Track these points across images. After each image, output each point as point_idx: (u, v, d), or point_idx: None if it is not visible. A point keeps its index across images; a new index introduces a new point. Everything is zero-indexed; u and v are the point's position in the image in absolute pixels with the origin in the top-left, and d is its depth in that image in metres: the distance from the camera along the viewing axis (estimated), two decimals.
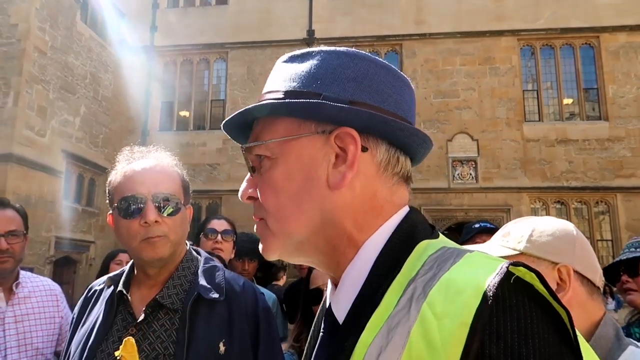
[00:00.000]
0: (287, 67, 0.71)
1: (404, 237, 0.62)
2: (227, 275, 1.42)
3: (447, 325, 0.47)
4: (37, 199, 11.61)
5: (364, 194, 0.64)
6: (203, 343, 1.24)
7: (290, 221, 0.64)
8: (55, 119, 12.59)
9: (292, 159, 0.65)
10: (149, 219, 1.26)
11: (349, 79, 0.66)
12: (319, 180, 0.64)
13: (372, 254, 0.62)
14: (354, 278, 0.62)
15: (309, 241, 0.65)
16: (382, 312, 0.54)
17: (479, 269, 0.51)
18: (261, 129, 0.68)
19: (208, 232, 2.83)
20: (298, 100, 0.64)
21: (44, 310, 2.14)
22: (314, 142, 0.65)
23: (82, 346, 1.29)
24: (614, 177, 13.54)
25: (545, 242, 1.12)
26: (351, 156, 0.63)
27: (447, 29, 14.90)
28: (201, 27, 15.90)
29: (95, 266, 13.15)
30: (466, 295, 0.48)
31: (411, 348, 0.48)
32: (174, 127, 16.04)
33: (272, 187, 0.66)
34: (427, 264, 0.56)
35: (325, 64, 0.68)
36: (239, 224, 3.44)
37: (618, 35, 14.25)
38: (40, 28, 12.13)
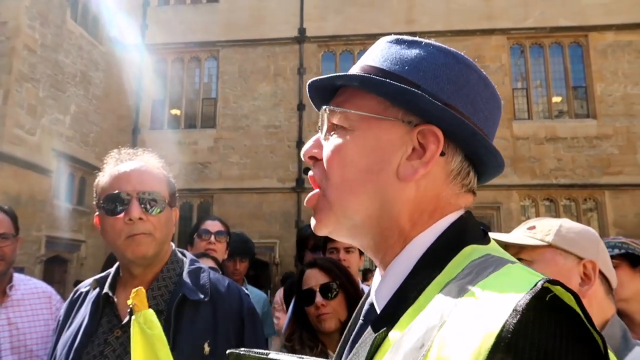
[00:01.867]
0: (391, 47, 0.69)
1: (452, 239, 0.62)
2: (212, 276, 1.43)
3: (473, 335, 0.44)
4: (27, 198, 11.54)
5: (426, 194, 0.64)
6: (187, 344, 1.25)
7: (350, 196, 0.64)
8: (46, 117, 12.51)
9: (370, 137, 0.64)
10: (133, 216, 1.27)
11: (450, 81, 0.65)
12: (390, 167, 0.64)
13: (419, 251, 0.62)
14: (397, 272, 0.62)
15: (363, 224, 0.65)
16: (417, 309, 0.54)
17: (515, 280, 0.49)
18: (346, 99, 0.68)
19: (202, 233, 2.84)
20: (399, 85, 0.62)
21: (37, 312, 2.14)
22: (395, 129, 0.64)
23: (68, 348, 1.30)
24: (601, 174, 13.71)
25: (573, 238, 1.17)
26: (429, 155, 0.63)
27: (438, 28, 14.97)
28: (192, 25, 15.84)
29: (87, 265, 13.12)
30: (498, 306, 0.45)
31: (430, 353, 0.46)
32: (165, 125, 15.98)
33: (342, 156, 0.65)
34: (467, 268, 0.55)
35: (431, 57, 0.67)
36: (231, 223, 3.47)
37: (606, 34, 14.41)
38: (30, 26, 12.04)
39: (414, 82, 0.63)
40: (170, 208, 1.41)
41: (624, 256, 1.91)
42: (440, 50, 0.68)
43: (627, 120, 13.93)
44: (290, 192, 14.43)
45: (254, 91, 15.31)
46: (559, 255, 1.14)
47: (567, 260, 1.13)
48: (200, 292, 1.34)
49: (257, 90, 15.32)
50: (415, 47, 0.68)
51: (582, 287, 1.11)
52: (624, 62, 14.22)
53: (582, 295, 1.08)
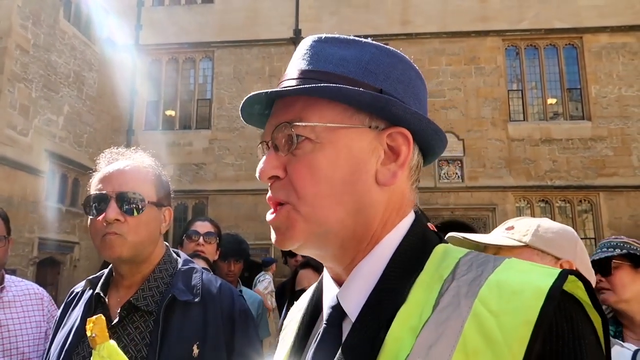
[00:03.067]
0: (327, 48, 0.67)
1: (417, 238, 0.64)
2: (205, 277, 1.41)
3: (507, 322, 0.50)
4: (19, 199, 11.43)
5: (396, 194, 0.65)
6: (176, 345, 1.23)
7: (325, 210, 0.62)
8: (38, 118, 12.40)
9: (341, 148, 0.63)
10: (109, 217, 1.26)
11: (399, 81, 0.66)
12: (367, 175, 0.63)
13: (388, 250, 0.63)
14: (368, 272, 0.62)
15: (336, 233, 0.63)
16: (413, 308, 0.56)
17: (530, 273, 0.54)
18: (303, 108, 0.65)
19: (191, 234, 2.81)
20: (372, 93, 0.62)
21: (29, 314, 2.11)
22: (364, 135, 0.64)
23: (60, 348, 1.30)
24: (596, 176, 13.75)
25: (550, 238, 1.16)
26: (404, 157, 0.64)
27: (433, 29, 15.00)
28: (187, 26, 15.78)
29: (80, 267, 13.00)
30: (525, 296, 0.51)
31: (466, 341, 0.50)
32: (160, 126, 15.90)
33: (313, 172, 0.62)
34: (462, 265, 0.58)
35: (377, 59, 0.66)
36: (225, 224, 3.43)
37: (600, 36, 14.48)
38: (22, 26, 11.94)
39: (374, 87, 0.63)
40: (158, 208, 1.38)
41: (625, 256, 1.88)
42: (381, 49, 0.68)
43: (621, 122, 13.99)
44: None
45: (249, 92, 14.62)
46: (535, 255, 1.14)
47: (544, 260, 1.13)
48: (190, 292, 1.32)
49: (252, 91, 15.06)
50: (354, 46, 0.67)
51: None
52: (619, 64, 14.29)
53: None
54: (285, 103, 0.67)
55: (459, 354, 0.50)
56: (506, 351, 0.48)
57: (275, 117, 0.68)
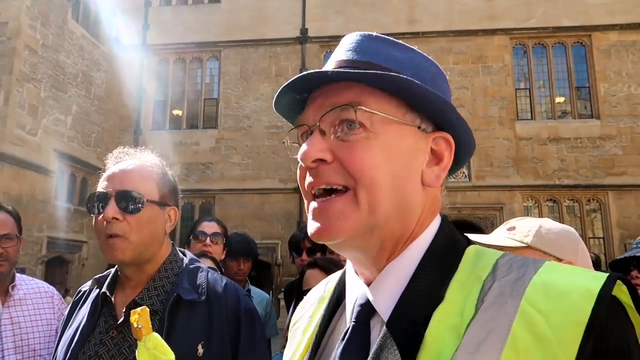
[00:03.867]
0: (374, 44, 0.68)
1: (448, 239, 0.66)
2: (210, 276, 1.41)
3: (558, 322, 0.51)
4: (28, 198, 11.53)
5: (432, 197, 0.67)
6: (180, 345, 1.22)
7: (379, 198, 0.62)
8: (47, 117, 12.51)
9: (395, 142, 0.63)
10: (107, 215, 1.26)
11: (442, 89, 0.68)
12: (416, 173, 0.65)
13: (419, 250, 0.64)
14: (400, 272, 0.63)
15: (381, 228, 0.63)
16: (450, 307, 0.57)
17: (575, 275, 0.56)
18: (359, 94, 0.64)
19: (197, 234, 2.82)
20: (438, 94, 0.63)
21: (40, 312, 2.14)
22: (412, 134, 0.65)
23: (66, 347, 1.30)
24: (605, 175, 13.64)
25: (552, 239, 1.15)
26: (446, 161, 0.67)
27: (440, 28, 14.95)
28: (194, 26, 15.84)
29: (88, 266, 13.09)
30: (574, 297, 0.53)
31: (515, 339, 0.52)
32: (167, 125, 15.97)
33: (370, 158, 0.62)
34: (500, 266, 0.60)
35: (425, 65, 0.69)
36: (232, 224, 3.44)
37: (609, 34, 14.36)
38: (31, 26, 12.04)
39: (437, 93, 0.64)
40: (161, 207, 1.37)
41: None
42: (427, 59, 0.71)
43: (630, 121, 13.87)
44: (292, 193, 14.40)
45: (255, 91, 15.28)
46: (537, 256, 1.12)
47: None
48: (196, 292, 1.32)
49: (258, 91, 15.30)
50: (407, 52, 0.69)
51: None
52: (628, 62, 14.16)
53: None
54: (336, 88, 0.65)
55: (509, 351, 0.52)
56: (558, 350, 0.50)
57: (324, 100, 0.66)
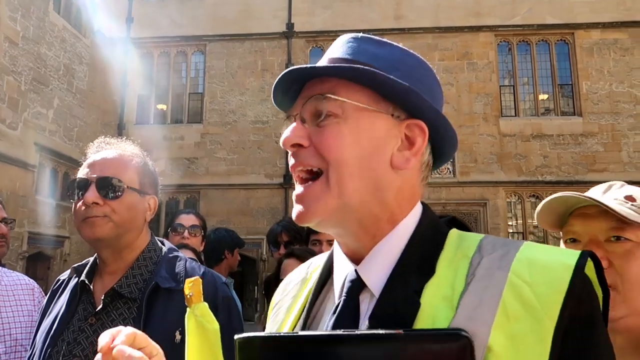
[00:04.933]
0: (362, 44, 0.75)
1: (431, 222, 0.72)
2: (188, 265, 1.44)
3: (542, 291, 0.59)
4: (9, 193, 11.32)
5: (409, 182, 0.72)
6: (158, 332, 1.21)
7: (349, 180, 0.68)
8: (28, 111, 12.27)
9: (365, 127, 0.69)
10: (87, 200, 1.30)
11: (419, 81, 0.73)
12: (384, 156, 0.70)
13: (406, 232, 0.71)
14: (389, 250, 0.70)
15: (357, 210, 0.69)
16: (441, 281, 0.64)
17: (553, 253, 0.64)
18: (334, 86, 0.71)
19: (176, 227, 2.83)
20: (404, 83, 0.68)
21: (21, 303, 2.14)
22: (385, 121, 0.71)
23: (45, 335, 1.33)
24: (587, 171, 13.87)
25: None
26: (418, 146, 0.71)
27: (426, 24, 15.01)
28: (179, 19, 15.66)
29: (70, 261, 12.92)
30: (556, 270, 0.60)
31: (505, 306, 0.59)
32: (151, 120, 15.80)
33: (338, 141, 0.69)
34: (485, 245, 0.67)
35: (404, 59, 0.75)
36: (217, 219, 3.45)
37: (592, 32, 14.56)
38: (11, 17, 11.78)
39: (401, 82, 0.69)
40: (141, 195, 1.40)
41: None
42: (408, 54, 0.77)
43: (612, 118, 14.10)
44: (278, 188, 14.38)
45: (241, 86, 15.19)
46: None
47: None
48: (174, 280, 1.35)
49: (244, 86, 15.21)
50: (387, 47, 0.76)
51: None
52: (610, 60, 14.38)
53: None
54: (317, 82, 0.73)
55: (501, 317, 0.58)
56: (543, 315, 0.57)
57: (306, 92, 0.74)
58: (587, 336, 0.59)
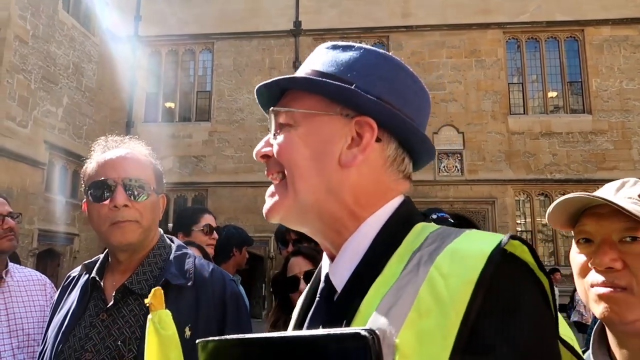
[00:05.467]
0: (329, 53, 0.78)
1: (403, 218, 0.71)
2: (197, 262, 1.45)
3: (453, 283, 0.55)
4: (19, 191, 11.44)
5: (368, 178, 0.72)
6: None
7: (301, 180, 0.72)
8: (38, 109, 12.38)
9: (313, 131, 0.73)
10: (118, 203, 1.29)
11: (381, 78, 0.74)
12: (333, 156, 0.71)
13: (373, 229, 0.70)
14: (355, 249, 0.69)
15: (312, 208, 0.72)
16: (387, 278, 0.62)
17: (480, 241, 0.60)
18: (291, 99, 0.76)
19: (206, 229, 2.85)
20: (336, 83, 0.71)
21: (33, 298, 2.17)
22: (335, 122, 0.73)
23: (57, 331, 1.34)
24: (596, 169, 13.76)
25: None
26: (365, 142, 0.71)
27: (434, 22, 14.95)
28: (186, 17, 15.71)
29: (80, 258, 13.03)
30: (471, 259, 0.56)
31: (420, 302, 0.56)
32: (160, 118, 15.88)
33: (290, 146, 0.73)
34: (429, 238, 0.65)
35: (363, 59, 0.75)
36: (225, 217, 3.48)
37: (602, 29, 14.43)
38: (21, 16, 11.88)
39: (349, 81, 0.72)
40: (157, 195, 1.42)
41: None
42: (371, 52, 0.77)
43: (622, 116, 13.97)
44: None
45: (248, 84, 15.22)
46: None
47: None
48: (183, 277, 1.37)
49: (252, 84, 15.23)
50: (349, 50, 0.77)
51: None
52: (620, 57, 14.25)
53: None
54: (285, 94, 0.78)
55: (413, 313, 0.56)
56: (450, 308, 0.54)
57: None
58: (499, 330, 0.53)
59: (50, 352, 1.31)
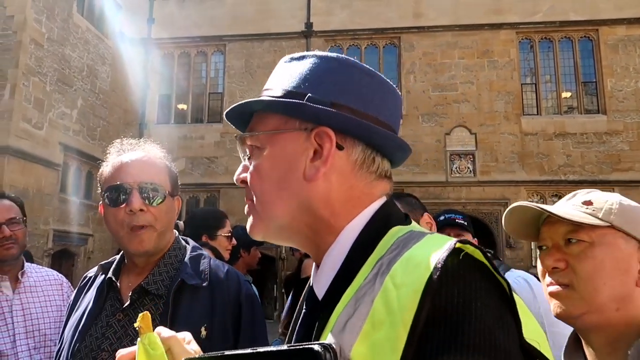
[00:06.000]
0: (286, 67, 0.78)
1: (379, 223, 0.69)
2: (212, 262, 1.47)
3: (403, 293, 0.54)
4: (34, 192, 11.59)
5: (339, 187, 0.71)
6: (184, 327, 1.28)
7: (271, 206, 0.72)
8: (53, 111, 12.55)
9: (277, 151, 0.72)
10: (134, 207, 1.31)
11: (334, 83, 0.72)
12: (298, 172, 0.71)
13: (350, 238, 0.69)
14: (333, 260, 0.69)
15: (289, 226, 0.72)
16: (354, 287, 0.62)
17: (435, 246, 0.58)
18: (255, 122, 0.77)
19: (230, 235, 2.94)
20: (282, 100, 0.72)
21: (49, 298, 2.19)
22: (297, 138, 0.72)
23: (74, 330, 1.36)
24: (611, 170, 13.58)
25: (634, 218, 1.03)
26: (326, 152, 0.70)
27: (446, 22, 14.87)
28: (198, 19, 15.82)
29: (94, 259, 13.17)
30: (421, 267, 0.55)
31: (374, 314, 0.55)
32: (172, 119, 16.00)
33: (258, 173, 0.73)
34: (394, 244, 0.64)
35: (315, 67, 0.74)
36: (237, 218, 3.50)
37: (617, 29, 14.24)
38: (36, 20, 12.06)
39: (302, 93, 0.71)
40: (172, 198, 1.43)
41: None
42: (323, 58, 0.75)
43: (637, 116, 13.77)
44: None
45: (260, 86, 15.01)
46: (620, 238, 1.01)
47: (629, 244, 1.01)
48: (199, 277, 1.38)
49: (263, 85, 15.16)
50: (303, 60, 0.76)
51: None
52: (635, 57, 14.05)
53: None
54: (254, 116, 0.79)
55: (368, 325, 0.55)
56: (399, 319, 0.53)
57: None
58: (447, 339, 0.51)
59: (67, 352, 1.32)
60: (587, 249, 1.01)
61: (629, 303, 0.98)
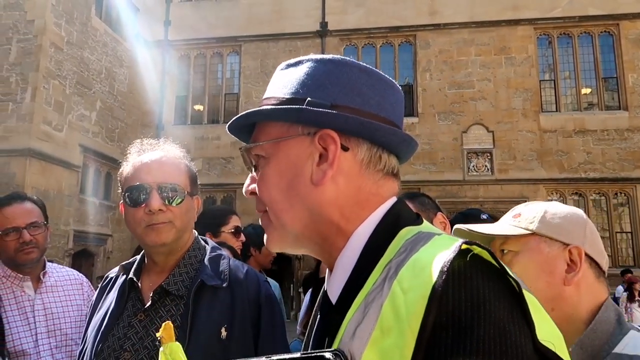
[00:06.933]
0: (283, 74, 0.77)
1: (389, 226, 0.68)
2: (232, 263, 1.47)
3: (411, 298, 0.53)
4: (55, 193, 11.80)
5: (347, 189, 0.70)
6: (205, 328, 1.29)
7: (283, 214, 0.71)
8: (72, 113, 12.76)
9: (282, 158, 0.72)
10: (153, 207, 1.32)
11: (333, 84, 0.72)
12: (304, 177, 0.70)
13: (361, 242, 0.68)
14: (345, 264, 0.68)
15: (303, 233, 0.72)
16: (364, 292, 0.61)
17: (441, 248, 0.57)
18: (258, 132, 0.77)
19: (239, 232, 2.87)
20: (282, 107, 0.71)
21: (70, 298, 2.22)
22: (300, 143, 0.71)
23: (96, 330, 1.37)
24: (633, 167, 13.30)
25: (557, 224, 1.13)
26: (331, 155, 0.69)
27: (462, 19, 14.72)
28: (214, 21, 15.93)
29: (113, 259, 13.36)
30: (428, 271, 0.54)
31: (382, 320, 0.55)
32: (189, 120, 16.14)
33: (267, 183, 0.73)
34: (402, 247, 0.63)
35: (312, 71, 0.74)
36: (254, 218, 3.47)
37: (638, 23, 13.94)
38: (56, 24, 12.26)
39: (301, 99, 0.71)
40: (191, 197, 1.45)
41: None
42: (319, 61, 0.75)
43: None
44: None
45: None
46: (543, 243, 1.11)
47: (552, 247, 1.11)
48: (218, 278, 1.38)
49: None
50: (299, 65, 0.76)
51: (569, 274, 1.08)
52: None
53: (568, 282, 1.07)
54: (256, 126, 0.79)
55: (377, 332, 0.54)
56: (406, 326, 0.52)
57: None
58: (455, 344, 0.50)
59: (90, 352, 1.34)
60: (514, 257, 1.12)
61: (561, 302, 1.06)
